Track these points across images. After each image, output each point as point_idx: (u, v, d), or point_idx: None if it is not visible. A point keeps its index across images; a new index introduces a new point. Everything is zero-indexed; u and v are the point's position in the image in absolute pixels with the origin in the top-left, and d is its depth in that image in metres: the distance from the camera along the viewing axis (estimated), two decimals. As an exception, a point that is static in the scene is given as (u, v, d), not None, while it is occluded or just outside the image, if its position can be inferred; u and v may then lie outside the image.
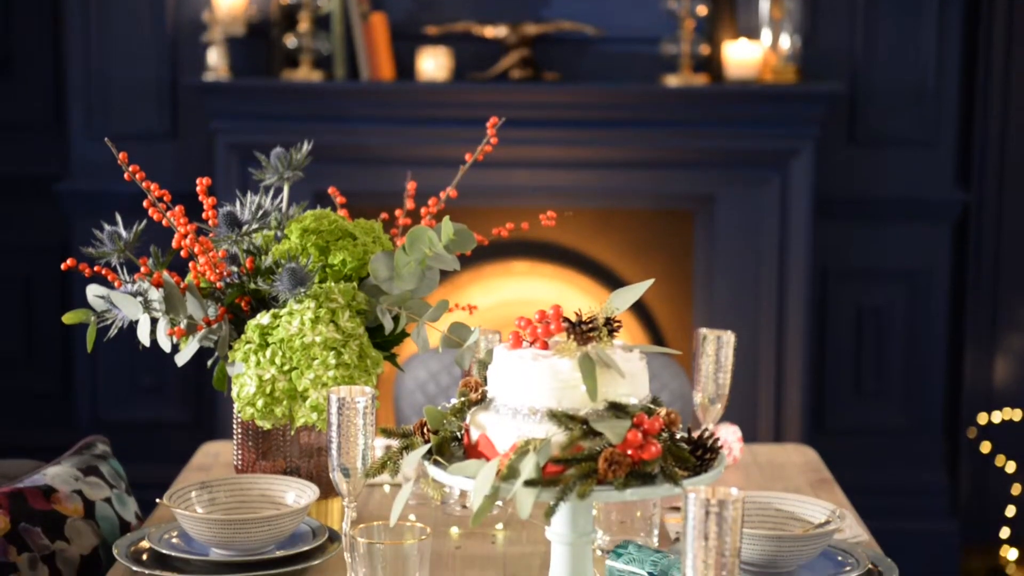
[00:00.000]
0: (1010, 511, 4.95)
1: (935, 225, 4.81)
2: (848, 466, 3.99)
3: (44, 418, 5.06)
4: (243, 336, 2.32)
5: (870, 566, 2.21)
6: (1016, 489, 4.94)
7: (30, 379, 5.08)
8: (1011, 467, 4.94)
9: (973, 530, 4.99)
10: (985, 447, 4.95)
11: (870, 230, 4.83)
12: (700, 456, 1.85)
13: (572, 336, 1.86)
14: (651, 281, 1.93)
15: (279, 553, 2.22)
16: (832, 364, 4.89)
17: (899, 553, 2.32)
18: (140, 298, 2.30)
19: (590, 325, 1.86)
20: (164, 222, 2.35)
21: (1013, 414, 4.92)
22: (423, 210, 2.56)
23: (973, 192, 4.89)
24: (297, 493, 2.33)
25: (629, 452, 1.77)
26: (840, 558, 2.23)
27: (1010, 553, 4.90)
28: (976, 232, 4.92)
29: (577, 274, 4.87)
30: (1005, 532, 4.94)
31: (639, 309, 4.86)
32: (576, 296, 4.78)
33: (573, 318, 1.87)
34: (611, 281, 4.80)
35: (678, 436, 1.88)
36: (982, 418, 4.95)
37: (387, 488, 2.66)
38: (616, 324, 1.89)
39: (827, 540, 2.19)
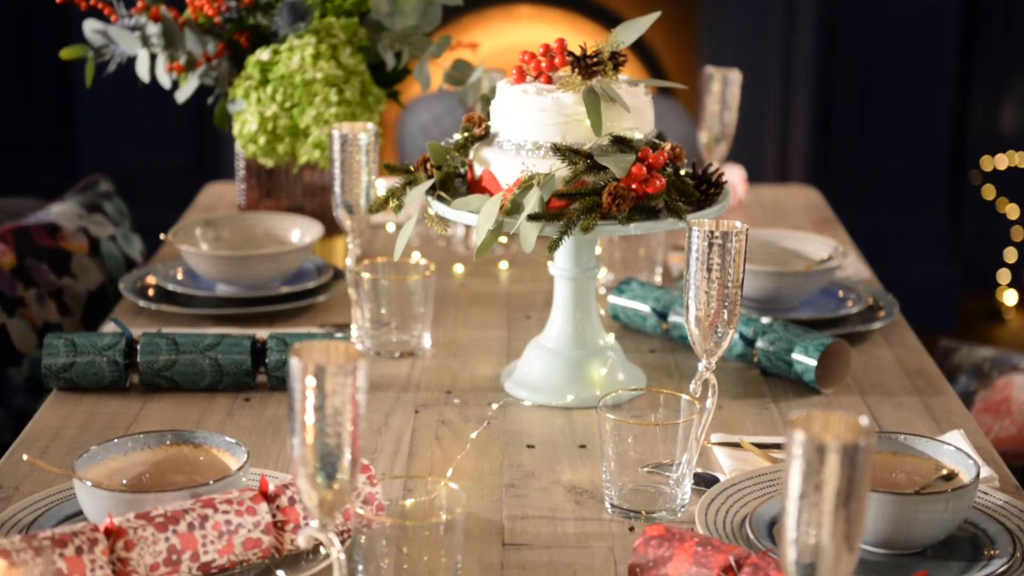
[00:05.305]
0: (1010, 256, 4.98)
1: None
2: (851, 210, 3.99)
3: (46, 163, 5.05)
4: (243, 73, 2.29)
5: (871, 301, 2.23)
6: (1017, 234, 4.96)
7: (31, 124, 5.05)
8: (1013, 212, 4.95)
9: (973, 274, 5.03)
10: (988, 192, 4.95)
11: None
12: (704, 191, 1.84)
13: (577, 70, 1.83)
14: (658, 14, 1.89)
15: (284, 289, 2.23)
16: (838, 107, 4.84)
17: (900, 296, 2.33)
18: (138, 33, 2.26)
19: (595, 59, 1.83)
20: (160, -45, 2.30)
21: (1018, 159, 4.90)
22: (425, -56, 2.49)
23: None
24: (302, 230, 2.33)
25: (633, 186, 1.76)
26: (841, 294, 2.25)
27: (1007, 296, 4.95)
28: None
29: (582, 18, 4.79)
30: (1005, 276, 4.98)
31: (644, 53, 4.79)
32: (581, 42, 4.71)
33: (578, 52, 1.84)
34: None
35: (683, 171, 1.86)
36: (986, 163, 4.94)
37: (391, 228, 2.66)
38: (622, 58, 1.85)
39: (829, 276, 2.20)
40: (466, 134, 1.89)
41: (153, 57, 2.28)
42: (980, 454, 1.73)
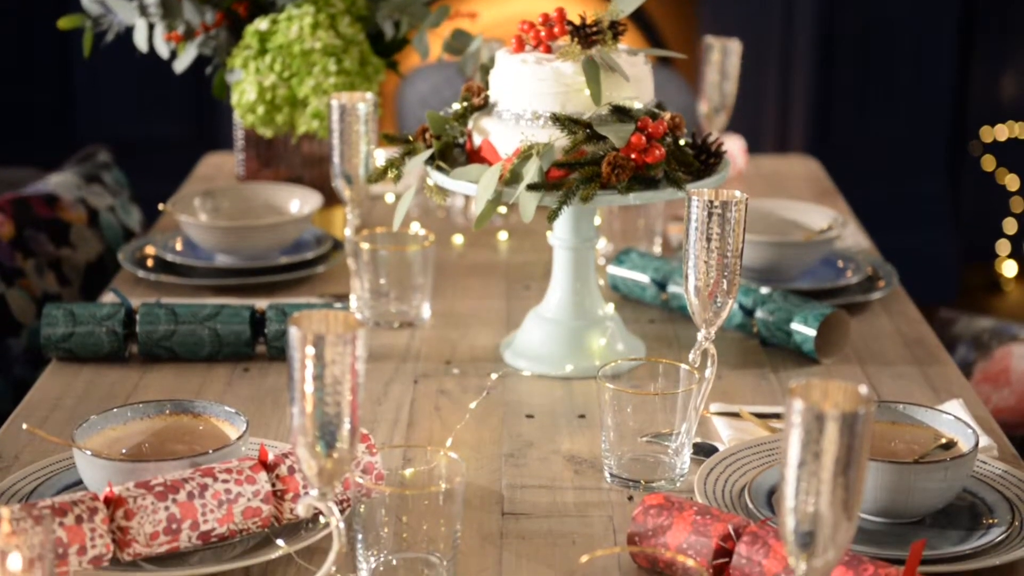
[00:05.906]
0: (1010, 227, 4.98)
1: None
2: (850, 180, 3.98)
3: (44, 134, 5.03)
4: (241, 42, 2.28)
5: (870, 272, 2.23)
6: (1017, 205, 4.96)
7: (29, 94, 5.03)
8: (1013, 183, 4.94)
9: (973, 245, 5.03)
10: (988, 163, 4.94)
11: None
12: (704, 160, 1.84)
13: (576, 39, 1.82)
14: (657, -17, 1.89)
15: (283, 260, 2.23)
16: (838, 78, 4.83)
17: (899, 266, 2.33)
18: (136, 2, 2.25)
19: (594, 28, 1.82)
20: (157, -76, 2.29)
21: (1018, 130, 4.89)
22: (423, -87, 2.48)
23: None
24: (301, 201, 2.33)
25: (633, 156, 1.75)
26: (841, 264, 2.25)
27: (1007, 267, 4.95)
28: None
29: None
30: (1004, 247, 4.98)
31: (643, 22, 4.77)
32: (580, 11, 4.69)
33: (577, 21, 1.83)
34: None
35: (682, 141, 1.86)
36: (986, 134, 4.93)
37: (390, 198, 2.66)
38: (621, 27, 1.85)
39: (828, 247, 2.20)
40: (465, 104, 1.89)
41: (151, 27, 2.27)
42: (979, 424, 1.73)
